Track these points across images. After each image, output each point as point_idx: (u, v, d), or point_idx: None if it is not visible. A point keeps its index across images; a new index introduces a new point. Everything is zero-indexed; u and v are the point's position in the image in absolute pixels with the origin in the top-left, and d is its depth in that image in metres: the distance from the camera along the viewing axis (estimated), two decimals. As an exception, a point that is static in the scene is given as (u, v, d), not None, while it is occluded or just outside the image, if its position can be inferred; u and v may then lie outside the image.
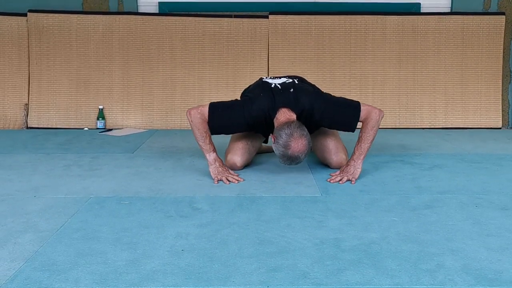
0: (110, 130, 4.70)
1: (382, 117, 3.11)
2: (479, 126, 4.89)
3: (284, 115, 3.01)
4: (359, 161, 3.07)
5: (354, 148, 3.11)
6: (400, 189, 2.89)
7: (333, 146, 3.30)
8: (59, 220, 2.38)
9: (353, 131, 3.16)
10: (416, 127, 4.88)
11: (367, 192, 2.84)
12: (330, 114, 3.09)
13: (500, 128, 4.88)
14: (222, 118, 3.10)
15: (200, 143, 3.11)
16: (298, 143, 2.85)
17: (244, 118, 3.08)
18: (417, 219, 2.41)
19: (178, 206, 2.58)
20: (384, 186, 2.96)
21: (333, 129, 3.25)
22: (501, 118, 4.92)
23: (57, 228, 2.27)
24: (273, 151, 3.64)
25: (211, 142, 3.11)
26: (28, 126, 4.82)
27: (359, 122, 3.13)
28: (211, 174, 3.07)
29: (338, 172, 3.12)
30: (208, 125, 3.10)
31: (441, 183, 3.00)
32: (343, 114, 3.11)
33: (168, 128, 4.83)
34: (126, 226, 2.31)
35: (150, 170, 3.30)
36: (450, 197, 2.73)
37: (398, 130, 4.79)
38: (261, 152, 3.67)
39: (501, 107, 4.93)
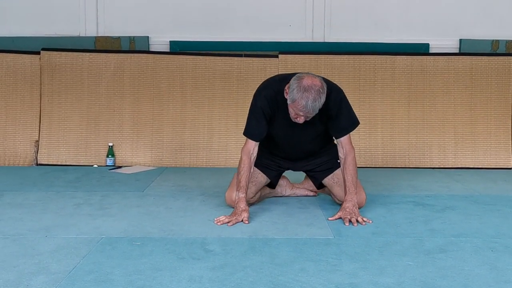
0: (120, 167, 4.71)
1: None
2: (489, 166, 4.86)
3: None
4: (355, 196, 3.12)
5: (347, 185, 3.13)
6: (413, 232, 2.87)
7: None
8: (71, 261, 2.36)
9: (337, 138, 3.20)
10: (425, 166, 4.86)
11: (380, 234, 2.82)
12: (339, 109, 3.12)
13: (510, 169, 4.86)
14: (250, 122, 3.16)
15: (237, 176, 3.15)
16: (311, 77, 2.91)
17: (260, 102, 3.10)
18: (432, 263, 2.38)
19: (190, 248, 2.56)
20: (397, 228, 2.93)
21: (330, 122, 3.15)
22: (511, 158, 4.90)
23: (69, 270, 2.25)
24: (279, 196, 3.64)
25: (242, 181, 3.09)
26: (38, 162, 4.84)
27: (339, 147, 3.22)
28: (235, 212, 3.05)
29: (340, 214, 3.07)
30: (254, 140, 3.14)
31: (455, 226, 2.97)
32: (347, 117, 3.17)
33: (178, 165, 4.83)
34: (138, 268, 2.29)
35: (161, 209, 3.29)
36: (464, 241, 2.70)
37: (407, 169, 4.77)
38: (268, 197, 3.61)
39: (511, 147, 4.92)
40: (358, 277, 2.22)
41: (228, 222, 2.97)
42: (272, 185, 3.49)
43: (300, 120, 2.98)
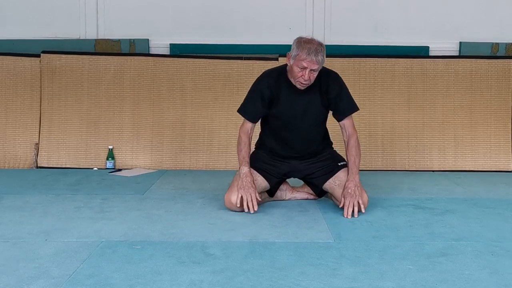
0: (120, 170, 4.70)
1: None
2: (489, 169, 4.86)
3: None
4: (357, 176, 3.24)
5: (351, 161, 3.26)
6: (414, 235, 2.86)
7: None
8: (71, 265, 2.36)
9: (340, 121, 3.35)
10: (425, 169, 4.86)
11: (380, 238, 2.82)
12: (340, 90, 3.31)
13: (510, 171, 4.85)
14: (247, 102, 3.35)
15: (238, 155, 3.32)
16: (309, 37, 3.15)
17: (261, 85, 3.30)
18: (432, 267, 2.38)
19: (190, 251, 2.56)
20: (397, 231, 2.93)
21: (332, 103, 3.31)
22: (511, 161, 4.90)
23: (69, 274, 2.25)
24: (279, 200, 3.63)
25: (245, 157, 3.26)
26: (38, 165, 4.83)
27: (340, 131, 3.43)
28: (242, 186, 3.19)
29: (343, 193, 3.20)
30: (246, 117, 3.33)
31: (455, 229, 2.97)
32: (348, 99, 3.34)
33: (178, 168, 4.82)
34: (139, 273, 2.28)
35: (161, 212, 3.29)
36: (465, 244, 2.70)
37: (407, 172, 4.77)
38: (268, 200, 3.60)
39: (511, 150, 4.91)
40: (359, 281, 2.22)
41: (252, 206, 3.17)
42: (271, 193, 3.49)
43: (305, 76, 3.10)
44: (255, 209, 3.19)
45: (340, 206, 3.23)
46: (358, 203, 3.17)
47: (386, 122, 4.93)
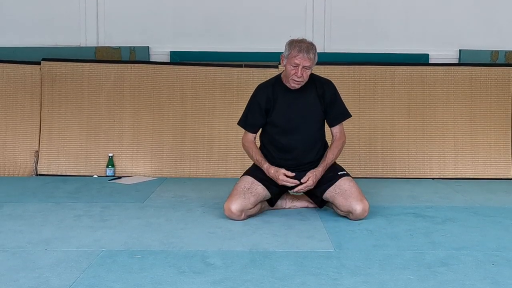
0: (120, 178, 4.70)
1: None
2: (489, 177, 4.85)
3: None
4: (324, 171, 3.34)
5: (327, 156, 3.37)
6: (414, 245, 2.86)
7: (357, 192, 3.30)
8: (71, 275, 2.35)
9: (331, 126, 3.48)
10: (425, 177, 4.85)
11: (380, 247, 2.81)
12: (334, 96, 3.43)
13: (510, 179, 4.85)
14: (245, 114, 3.49)
15: (253, 160, 3.43)
16: (300, 38, 3.32)
17: (258, 96, 3.43)
18: (433, 277, 2.38)
19: (190, 261, 2.56)
20: (398, 241, 2.93)
21: (327, 108, 3.41)
22: (511, 169, 4.89)
23: (69, 284, 2.25)
24: (279, 208, 3.63)
25: (259, 158, 3.39)
26: (38, 173, 4.83)
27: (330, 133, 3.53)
28: (274, 179, 3.31)
29: (308, 174, 3.30)
30: (247, 129, 3.47)
31: (455, 238, 2.97)
32: (341, 105, 3.48)
33: (178, 176, 4.82)
34: (139, 283, 2.28)
35: (161, 221, 3.29)
36: (465, 254, 2.69)
37: (407, 180, 4.76)
38: (268, 209, 3.59)
39: (510, 158, 4.91)
40: (359, 291, 2.22)
41: (287, 179, 3.28)
42: (271, 202, 3.49)
43: (298, 73, 3.21)
44: (293, 174, 3.30)
45: (302, 180, 3.30)
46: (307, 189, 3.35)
47: (386, 130, 4.93)
